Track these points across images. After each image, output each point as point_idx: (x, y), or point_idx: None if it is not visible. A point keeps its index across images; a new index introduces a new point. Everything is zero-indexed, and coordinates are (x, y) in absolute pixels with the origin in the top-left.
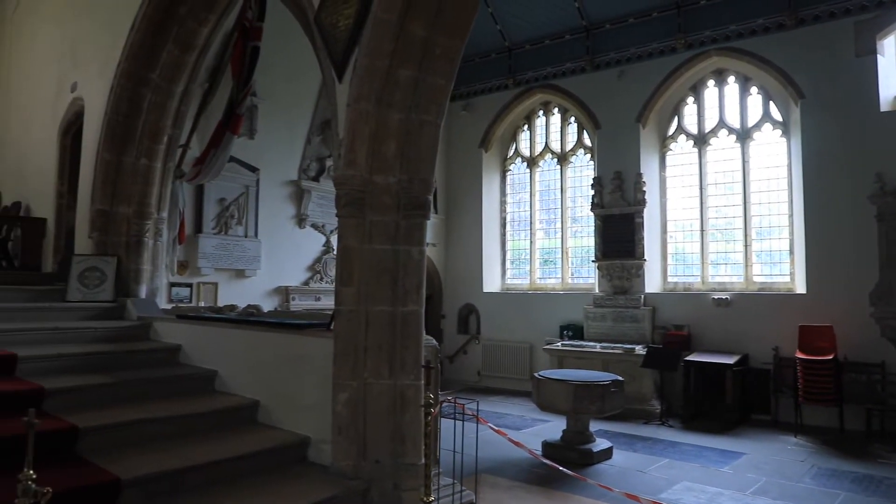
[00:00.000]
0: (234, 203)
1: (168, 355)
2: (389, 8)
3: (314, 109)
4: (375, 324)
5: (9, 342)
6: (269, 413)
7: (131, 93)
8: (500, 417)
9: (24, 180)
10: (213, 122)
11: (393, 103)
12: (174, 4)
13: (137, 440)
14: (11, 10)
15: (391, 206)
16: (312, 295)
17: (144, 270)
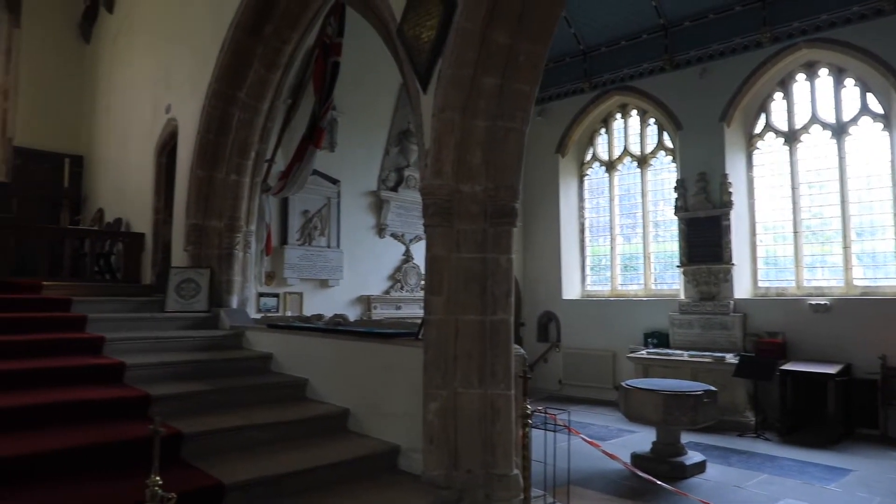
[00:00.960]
0: (317, 215)
1: (260, 363)
2: (472, 17)
3: (392, 121)
4: (465, 333)
5: (117, 350)
6: (359, 421)
7: (221, 112)
8: (584, 427)
9: (124, 198)
10: (297, 137)
11: (478, 112)
12: (259, 25)
13: (236, 446)
14: (111, 40)
15: (478, 215)
16: (393, 304)
17: (235, 281)
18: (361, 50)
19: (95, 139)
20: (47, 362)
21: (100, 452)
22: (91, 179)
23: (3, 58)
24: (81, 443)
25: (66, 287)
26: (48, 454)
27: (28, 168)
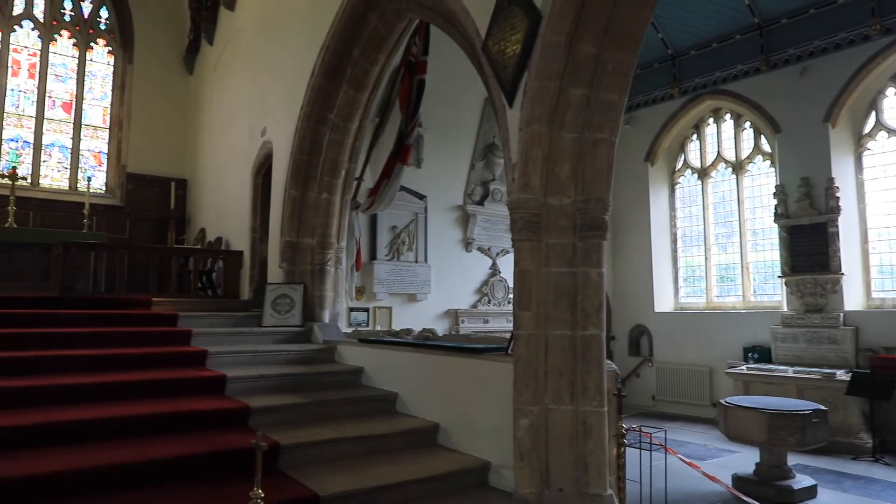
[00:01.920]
0: (405, 230)
1: (352, 377)
2: (558, 29)
3: (476, 135)
4: (555, 348)
5: (219, 363)
6: (448, 436)
7: (313, 133)
8: (680, 446)
9: (223, 217)
10: (384, 155)
11: (565, 124)
12: (348, 49)
13: (330, 458)
14: (211, 69)
15: (567, 228)
16: (481, 317)
17: (327, 296)
18: (445, 66)
19: (198, 163)
20: (156, 374)
21: (202, 461)
22: (194, 201)
23: (118, 92)
24: (187, 451)
25: (173, 303)
26: (155, 462)
27: (139, 192)
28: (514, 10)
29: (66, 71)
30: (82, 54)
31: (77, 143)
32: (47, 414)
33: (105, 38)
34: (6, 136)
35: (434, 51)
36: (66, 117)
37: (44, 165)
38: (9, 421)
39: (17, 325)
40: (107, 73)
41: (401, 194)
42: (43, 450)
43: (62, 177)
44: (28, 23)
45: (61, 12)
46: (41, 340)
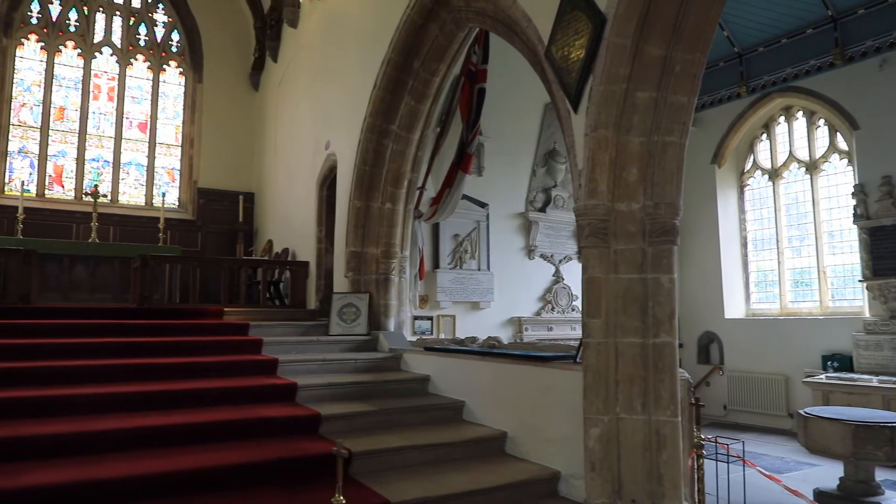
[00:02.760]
0: (467, 238)
1: (418, 385)
2: (623, 32)
3: (537, 141)
4: (626, 356)
5: (289, 371)
6: (516, 444)
7: (375, 144)
8: (757, 458)
9: (290, 229)
10: (446, 164)
11: (632, 127)
12: (409, 61)
13: (399, 465)
14: (276, 85)
15: (636, 234)
16: (545, 325)
17: (392, 305)
18: (504, 74)
19: (264, 177)
20: (230, 382)
21: (277, 467)
22: (261, 213)
23: (188, 111)
24: (262, 458)
25: (243, 312)
26: (232, 468)
27: (209, 206)
28: (577, 15)
29: (142, 93)
30: (156, 76)
31: (152, 161)
32: (126, 420)
33: (176, 60)
34: (88, 156)
35: (492, 58)
36: (141, 137)
37: (122, 183)
38: (91, 426)
39: (98, 335)
40: (178, 93)
41: (462, 202)
42: (121, 455)
43: (139, 193)
44: (107, 49)
45: (136, 38)
46: (120, 349)
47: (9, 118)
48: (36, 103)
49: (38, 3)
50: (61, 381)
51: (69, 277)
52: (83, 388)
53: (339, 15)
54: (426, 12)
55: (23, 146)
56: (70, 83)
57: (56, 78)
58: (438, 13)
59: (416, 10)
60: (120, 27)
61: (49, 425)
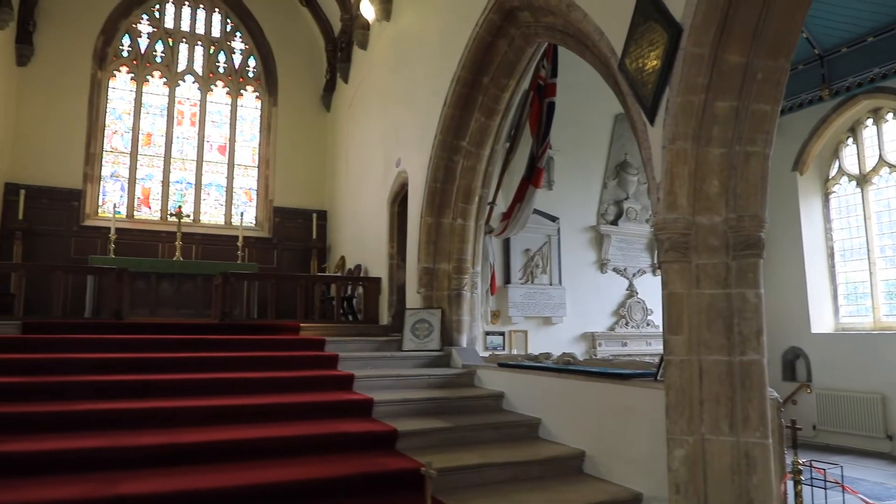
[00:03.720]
0: (538, 252)
1: (493, 402)
2: (700, 41)
3: (608, 153)
4: (710, 374)
5: (364, 387)
6: (595, 464)
7: (446, 161)
8: (853, 483)
9: (362, 245)
10: (516, 179)
11: (712, 138)
12: (478, 77)
13: (477, 483)
14: (347, 106)
15: (719, 248)
16: (619, 340)
17: (464, 321)
18: (573, 86)
19: (336, 195)
20: (308, 397)
21: (355, 482)
22: (334, 231)
23: (264, 133)
24: (341, 473)
25: (319, 328)
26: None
27: (284, 224)
28: (651, 26)
29: (221, 117)
30: (234, 101)
31: (231, 182)
32: (211, 433)
33: (253, 85)
34: (173, 178)
35: (561, 71)
36: (221, 159)
37: (203, 203)
38: (179, 438)
39: (184, 349)
40: (255, 116)
41: (533, 217)
42: (207, 466)
43: (219, 213)
44: (190, 77)
45: (216, 65)
46: (204, 364)
47: (102, 145)
48: (126, 130)
49: (129, 38)
50: (150, 394)
51: (156, 294)
52: (170, 402)
53: (408, 35)
54: (495, 29)
55: (114, 171)
56: (156, 110)
57: (144, 106)
58: (507, 30)
59: (485, 28)
60: (201, 56)
61: (142, 437)
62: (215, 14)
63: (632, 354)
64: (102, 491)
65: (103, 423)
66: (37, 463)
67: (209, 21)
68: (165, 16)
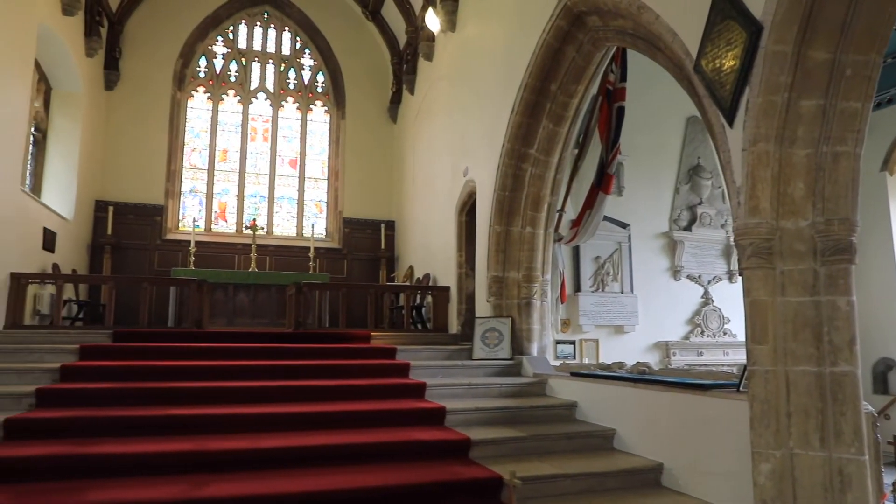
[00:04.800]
0: (609, 260)
1: (565, 411)
2: (782, 38)
3: (679, 158)
4: (798, 386)
5: (436, 395)
6: (674, 477)
7: (514, 169)
8: None
9: (430, 255)
10: (585, 185)
11: (796, 139)
12: (546, 84)
13: (552, 494)
14: (413, 117)
15: (806, 253)
16: (694, 350)
17: (534, 329)
18: (643, 90)
19: (404, 205)
20: (381, 404)
21: (429, 491)
22: (402, 240)
23: (333, 146)
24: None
25: (389, 337)
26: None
27: (353, 235)
28: (729, 25)
29: (292, 132)
30: (304, 116)
31: (302, 195)
32: (288, 439)
33: (322, 100)
34: (247, 192)
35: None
36: (292, 172)
37: (276, 216)
38: (258, 443)
39: (259, 357)
40: (324, 130)
41: (603, 224)
42: (285, 471)
43: (290, 225)
44: (262, 94)
45: (286, 82)
46: (280, 372)
47: (182, 162)
48: (203, 147)
49: (205, 59)
50: (232, 400)
51: (233, 304)
52: (250, 408)
53: (474, 45)
54: (563, 35)
55: (193, 186)
56: (231, 127)
57: (220, 123)
58: (575, 35)
59: (553, 34)
60: (272, 73)
61: (225, 441)
62: (285, 33)
63: (708, 364)
64: (192, 493)
65: (190, 428)
66: (130, 464)
67: (279, 40)
68: (238, 37)
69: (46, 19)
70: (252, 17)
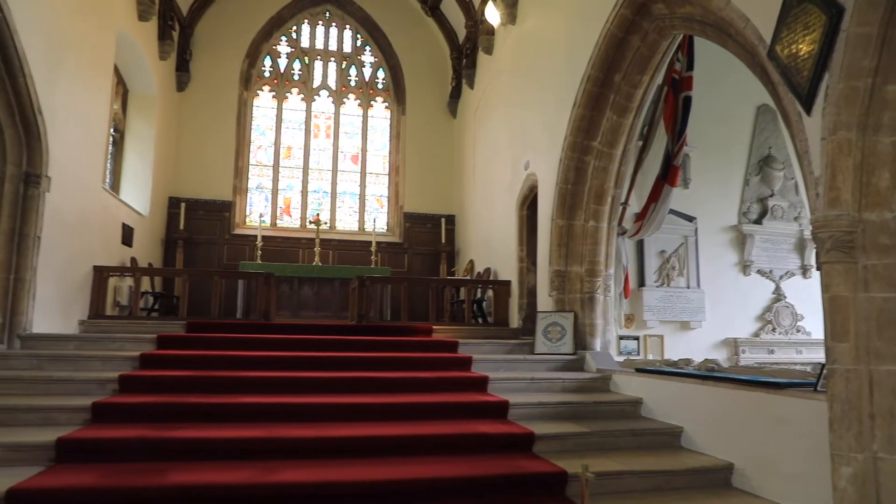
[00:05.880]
0: (674, 254)
1: (630, 408)
2: (866, 20)
3: (749, 148)
4: (883, 387)
5: (499, 389)
6: (745, 478)
7: (577, 162)
8: None
9: (491, 249)
10: (649, 178)
11: (881, 126)
12: (610, 76)
13: (617, 491)
14: (473, 111)
15: (891, 247)
16: (764, 347)
17: (597, 324)
18: (710, 79)
19: (464, 199)
20: (444, 397)
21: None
22: (462, 235)
23: (394, 141)
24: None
25: (450, 330)
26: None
27: (414, 229)
28: (806, 8)
29: (353, 128)
30: (365, 112)
31: (363, 190)
32: (354, 428)
33: (382, 96)
34: (310, 188)
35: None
36: (354, 168)
37: (339, 211)
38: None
39: (324, 349)
40: (384, 125)
41: (668, 217)
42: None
43: (352, 220)
44: (324, 92)
45: (348, 79)
46: (344, 363)
47: (248, 159)
48: (269, 145)
49: (270, 59)
50: (299, 390)
51: (298, 297)
52: (317, 398)
53: (534, 38)
54: (627, 25)
55: (259, 183)
56: (295, 125)
57: (284, 121)
58: (640, 24)
59: (616, 24)
60: (334, 71)
61: (294, 430)
62: (346, 31)
63: (780, 363)
64: (265, 477)
65: (260, 416)
66: (205, 448)
67: (341, 38)
68: (301, 36)
69: (124, 26)
70: (314, 16)
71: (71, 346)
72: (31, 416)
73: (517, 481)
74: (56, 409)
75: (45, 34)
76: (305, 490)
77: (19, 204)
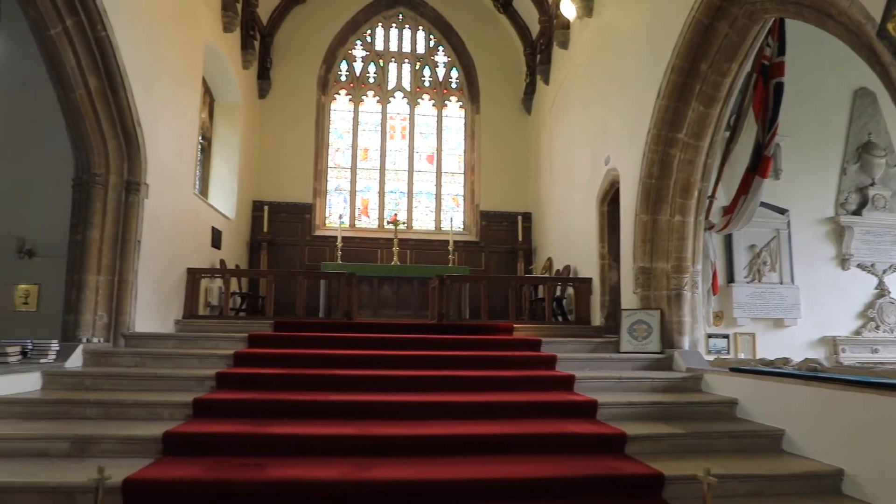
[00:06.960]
0: (765, 248)
1: (725, 409)
2: None
3: (846, 135)
4: None
5: (585, 388)
6: (858, 485)
7: (661, 155)
8: None
9: (570, 246)
10: (737, 169)
11: None
12: (695, 65)
13: (717, 495)
14: (549, 107)
15: None
16: (867, 346)
17: (685, 322)
18: (801, 63)
19: (541, 196)
20: (531, 396)
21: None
22: (539, 232)
23: (469, 140)
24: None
25: (531, 329)
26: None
27: (490, 227)
28: None
29: (428, 128)
30: (439, 112)
31: (439, 189)
32: (437, 427)
33: (456, 95)
34: (387, 189)
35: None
36: (429, 168)
37: (415, 210)
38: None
39: (406, 348)
40: (459, 125)
41: (758, 210)
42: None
43: (429, 219)
44: (399, 93)
45: (422, 80)
46: (426, 362)
47: (327, 162)
48: (346, 147)
49: (346, 63)
50: (385, 388)
51: (378, 296)
52: (403, 396)
53: (612, 30)
54: (713, 11)
55: (338, 185)
56: (371, 127)
57: (360, 124)
58: (728, 9)
59: (702, 11)
60: (408, 73)
61: (383, 427)
62: (419, 32)
63: (884, 362)
64: (358, 474)
65: (349, 413)
66: (299, 444)
67: (414, 39)
68: (376, 39)
69: (210, 37)
70: (388, 19)
71: (170, 345)
72: (138, 410)
73: (611, 482)
74: (160, 405)
75: (142, 49)
76: (399, 487)
77: (121, 210)
